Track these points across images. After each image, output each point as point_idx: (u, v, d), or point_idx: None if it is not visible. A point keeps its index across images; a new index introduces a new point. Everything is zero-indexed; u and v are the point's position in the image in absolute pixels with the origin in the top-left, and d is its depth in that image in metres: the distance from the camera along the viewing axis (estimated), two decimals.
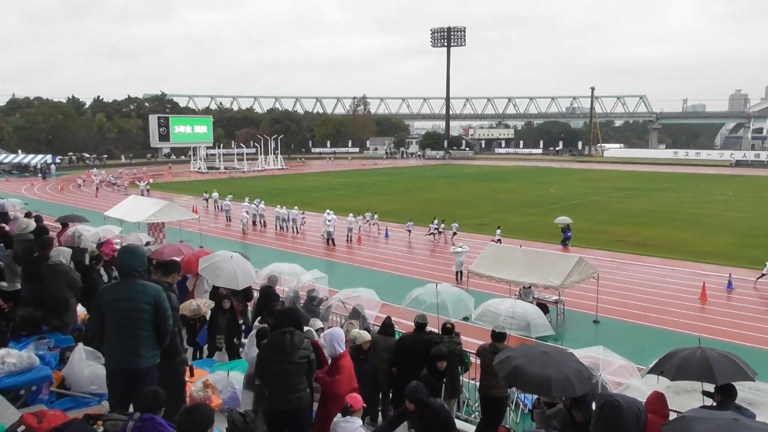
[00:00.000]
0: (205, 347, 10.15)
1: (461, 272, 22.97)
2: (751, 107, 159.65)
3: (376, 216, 34.94)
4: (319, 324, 9.01)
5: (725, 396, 6.26)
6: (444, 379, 8.12)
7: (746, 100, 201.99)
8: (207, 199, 44.81)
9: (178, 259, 14.08)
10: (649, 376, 7.58)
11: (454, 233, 31.31)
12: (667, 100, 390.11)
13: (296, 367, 6.24)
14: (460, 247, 24.60)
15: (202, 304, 10.09)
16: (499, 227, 30.02)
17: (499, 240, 28.09)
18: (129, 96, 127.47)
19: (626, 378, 8.06)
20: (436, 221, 32.25)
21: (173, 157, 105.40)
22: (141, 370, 5.84)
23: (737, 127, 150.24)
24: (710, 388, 6.52)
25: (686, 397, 8.15)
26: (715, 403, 6.34)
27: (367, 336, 8.15)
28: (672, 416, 6.64)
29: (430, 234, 32.16)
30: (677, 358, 6.70)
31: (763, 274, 22.55)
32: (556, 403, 6.44)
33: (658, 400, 6.63)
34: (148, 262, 7.57)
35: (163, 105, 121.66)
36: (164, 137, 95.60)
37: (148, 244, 17.46)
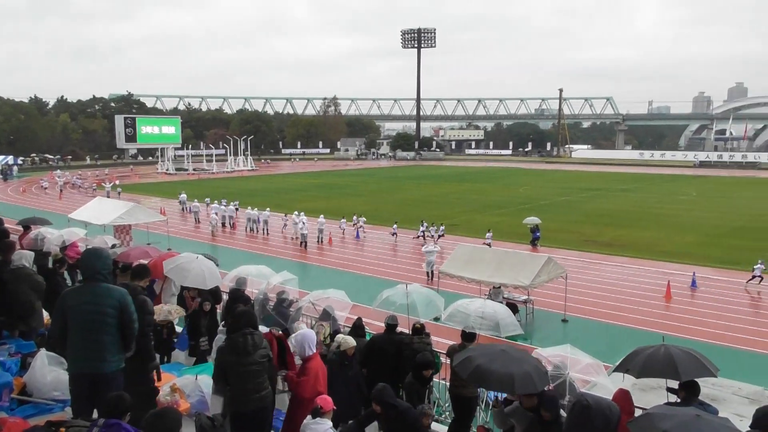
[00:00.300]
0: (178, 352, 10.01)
1: (432, 272, 23.20)
2: (714, 109, 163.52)
3: (363, 219, 34.22)
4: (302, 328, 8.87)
5: (689, 392, 6.38)
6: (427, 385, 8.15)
7: (709, 102, 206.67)
8: (184, 202, 43.70)
9: (145, 261, 13.89)
10: (616, 374, 7.70)
11: (441, 235, 30.80)
12: (633, 102, 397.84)
13: (259, 366, 6.25)
14: (432, 246, 24.75)
15: (173, 310, 9.93)
16: (489, 230, 29.54)
17: (489, 244, 27.55)
18: (94, 96, 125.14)
19: (593, 376, 8.17)
20: (425, 224, 31.97)
21: (140, 158, 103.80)
22: (105, 375, 5.73)
23: (701, 129, 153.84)
24: (674, 384, 6.64)
25: (652, 394, 8.30)
26: (679, 400, 6.45)
27: (352, 342, 8.02)
28: (638, 413, 6.76)
29: (418, 237, 31.45)
30: (642, 356, 6.82)
31: (754, 276, 22.63)
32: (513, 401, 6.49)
33: (623, 397, 6.74)
34: (113, 265, 7.44)
35: (130, 105, 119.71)
36: (131, 138, 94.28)
37: (114, 246, 17.14)
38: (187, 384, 7.58)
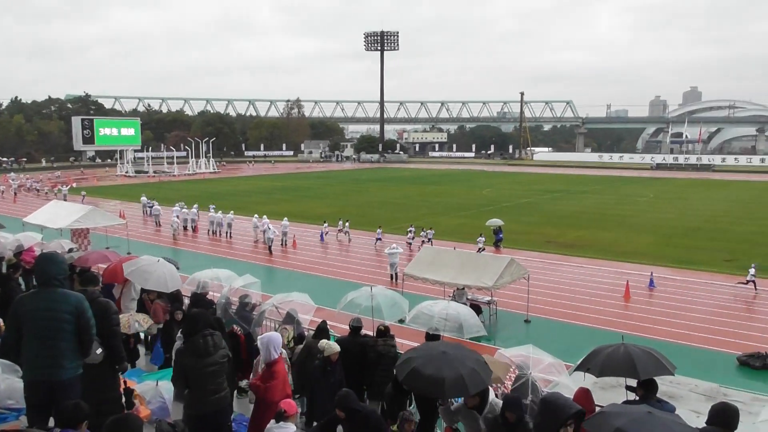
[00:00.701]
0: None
1: (396, 274, 23.41)
2: (670, 113, 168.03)
3: (347, 223, 33.18)
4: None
5: (647, 390, 6.52)
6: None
7: (665, 105, 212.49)
8: (151, 207, 42.39)
9: (103, 265, 13.59)
10: (577, 373, 7.82)
11: (429, 239, 29.96)
12: (592, 105, 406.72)
13: (218, 367, 6.25)
14: (394, 248, 24.85)
15: (142, 320, 9.69)
16: (481, 234, 29.35)
17: (482, 249, 27.69)
18: (50, 97, 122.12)
19: (555, 375, 8.28)
20: (413, 229, 31.18)
21: (98, 160, 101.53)
22: (62, 382, 5.61)
23: (657, 132, 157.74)
24: (633, 383, 6.78)
25: (612, 393, 8.45)
26: (637, 398, 6.59)
27: (336, 347, 7.86)
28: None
29: (409, 244, 30.18)
30: (602, 355, 6.95)
31: (748, 281, 22.63)
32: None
33: (584, 396, 6.86)
34: (71, 269, 7.26)
35: (87, 106, 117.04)
36: (88, 140, 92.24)
37: (71, 251, 16.72)
38: (147, 390, 7.46)
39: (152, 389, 7.57)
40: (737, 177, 79.25)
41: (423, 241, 29.19)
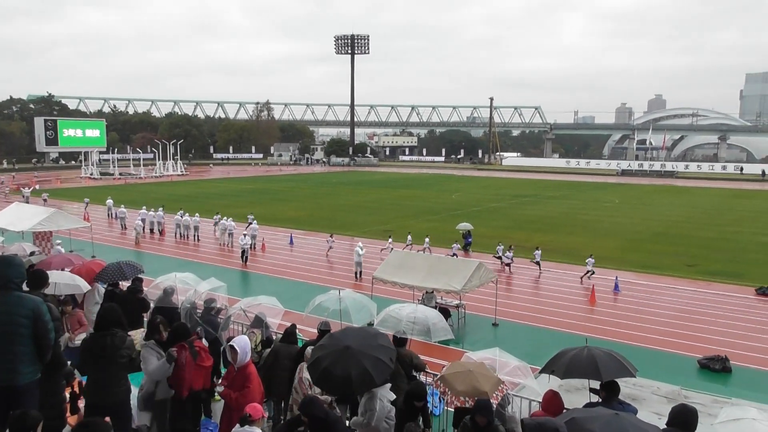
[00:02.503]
0: None
1: (360, 272, 24.53)
2: (635, 120, 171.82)
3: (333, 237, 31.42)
4: None
5: (609, 392, 6.63)
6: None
7: (631, 113, 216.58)
8: (110, 207, 41.71)
9: (67, 269, 13.28)
10: (542, 376, 7.91)
11: (427, 248, 29.31)
12: (560, 111, 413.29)
13: (117, 367, 6.37)
14: (359, 247, 25.48)
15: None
16: (456, 242, 28.97)
17: (501, 258, 27.36)
18: (11, 97, 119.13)
19: (521, 378, 8.36)
20: (501, 247, 28.27)
21: (62, 162, 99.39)
22: (19, 388, 5.49)
23: (623, 138, 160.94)
24: (596, 385, 6.87)
25: (576, 395, 8.57)
26: (600, 400, 6.69)
27: None
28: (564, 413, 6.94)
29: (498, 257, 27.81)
30: (566, 357, 7.05)
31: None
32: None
33: (553, 399, 6.93)
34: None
35: (50, 107, 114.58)
36: (52, 141, 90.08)
37: (32, 254, 16.35)
38: None
39: None
40: (699, 184, 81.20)
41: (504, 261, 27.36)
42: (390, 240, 30.09)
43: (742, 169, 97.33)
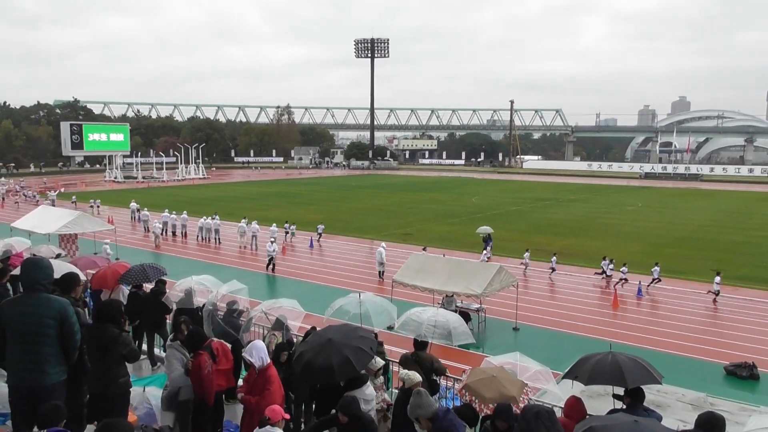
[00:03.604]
0: None
1: (382, 272, 25.14)
2: (659, 122, 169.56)
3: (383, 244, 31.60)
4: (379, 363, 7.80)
5: (634, 399, 6.53)
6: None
7: (654, 115, 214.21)
8: (135, 211, 42.24)
9: (92, 271, 13.48)
10: (565, 381, 7.81)
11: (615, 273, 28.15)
12: (581, 114, 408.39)
13: (111, 359, 6.33)
14: (382, 247, 26.08)
15: None
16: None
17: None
18: (38, 102, 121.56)
19: (542, 383, 8.29)
20: (607, 261, 26.28)
21: (87, 165, 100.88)
22: (45, 387, 5.59)
23: (646, 141, 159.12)
24: (620, 391, 6.78)
25: (599, 401, 8.46)
26: (624, 406, 6.60)
27: (417, 377, 7.08)
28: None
29: (600, 275, 25.92)
30: (590, 363, 6.95)
31: (711, 292, 22.46)
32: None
33: (576, 405, 6.84)
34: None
35: (76, 112, 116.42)
36: (77, 145, 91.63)
37: (58, 256, 16.59)
38: (134, 396, 7.38)
39: (139, 395, 7.50)
40: (725, 187, 79.93)
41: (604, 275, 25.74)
42: (527, 254, 27.51)
43: None
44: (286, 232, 34.25)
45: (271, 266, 26.70)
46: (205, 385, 7.45)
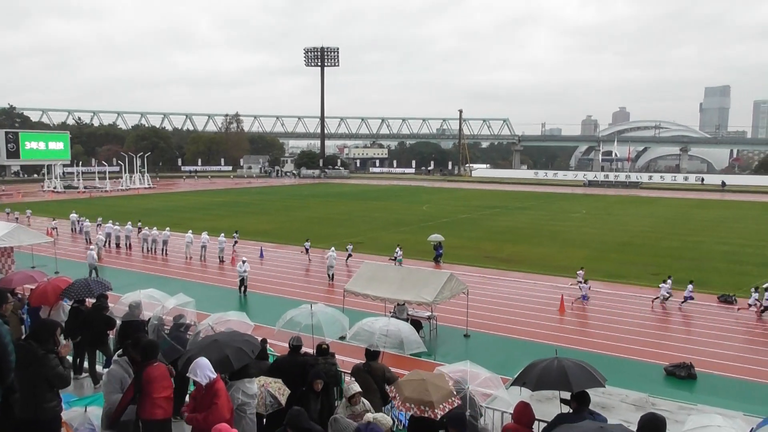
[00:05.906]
0: None
1: (332, 275, 26.66)
2: (601, 132, 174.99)
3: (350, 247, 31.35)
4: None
5: (580, 402, 6.71)
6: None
7: (596, 125, 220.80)
8: (75, 222, 41.03)
9: (30, 286, 12.97)
10: (514, 387, 7.96)
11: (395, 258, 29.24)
12: (527, 123, 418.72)
13: (37, 382, 6.21)
14: (332, 251, 27.47)
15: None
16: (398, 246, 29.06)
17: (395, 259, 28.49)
18: None
19: (492, 389, 8.40)
20: (669, 281, 23.65)
21: (24, 175, 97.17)
22: None
23: (589, 150, 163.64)
24: (567, 395, 6.95)
25: (547, 405, 8.65)
26: (571, 410, 6.76)
27: (388, 421, 6.77)
28: (536, 425, 7.01)
29: (660, 299, 23.41)
30: (537, 369, 7.11)
31: (757, 303, 22.09)
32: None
33: (525, 410, 6.97)
34: None
35: (12, 119, 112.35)
36: (13, 154, 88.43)
37: None
38: (75, 417, 7.12)
39: (80, 416, 7.23)
40: (662, 194, 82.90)
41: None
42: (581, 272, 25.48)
43: (703, 179, 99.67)
44: (235, 242, 33.84)
45: (243, 288, 24.56)
46: (154, 396, 7.06)
